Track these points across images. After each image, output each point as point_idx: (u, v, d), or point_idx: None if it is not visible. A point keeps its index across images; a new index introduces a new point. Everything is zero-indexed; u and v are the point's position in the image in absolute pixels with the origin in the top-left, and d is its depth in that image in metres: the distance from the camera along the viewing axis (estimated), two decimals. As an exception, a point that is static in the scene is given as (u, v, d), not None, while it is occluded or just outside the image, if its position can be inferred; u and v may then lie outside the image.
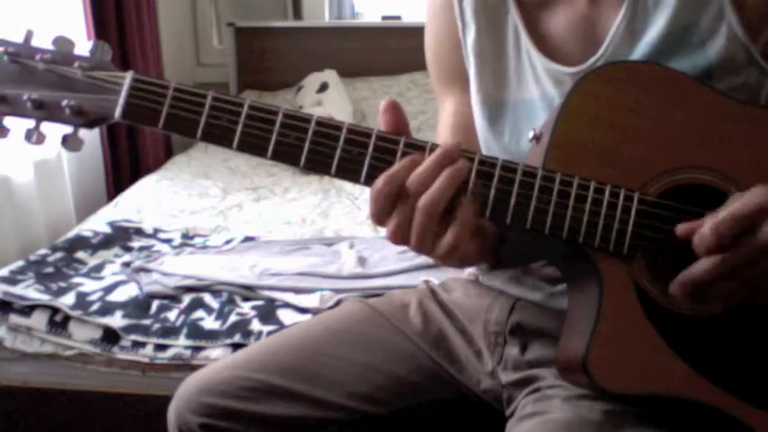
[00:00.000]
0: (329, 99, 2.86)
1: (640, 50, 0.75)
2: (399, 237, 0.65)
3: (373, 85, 3.10)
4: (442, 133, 0.92)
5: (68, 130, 0.68)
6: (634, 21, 0.76)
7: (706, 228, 0.63)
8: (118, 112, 0.66)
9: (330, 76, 2.97)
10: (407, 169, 0.64)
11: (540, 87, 0.80)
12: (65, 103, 0.66)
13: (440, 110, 0.94)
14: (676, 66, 0.72)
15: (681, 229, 0.66)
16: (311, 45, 3.16)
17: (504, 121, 0.83)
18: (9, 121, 0.68)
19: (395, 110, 0.67)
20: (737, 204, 0.63)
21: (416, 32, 0.92)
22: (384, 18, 3.45)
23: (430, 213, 0.63)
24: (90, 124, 0.67)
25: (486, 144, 0.85)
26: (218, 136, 0.66)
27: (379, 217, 0.65)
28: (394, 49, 3.06)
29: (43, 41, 0.67)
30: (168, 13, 3.04)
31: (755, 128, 0.70)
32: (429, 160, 0.64)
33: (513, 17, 0.81)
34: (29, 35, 0.67)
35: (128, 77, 0.65)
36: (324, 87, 2.90)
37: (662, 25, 0.74)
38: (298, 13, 3.46)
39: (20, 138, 0.67)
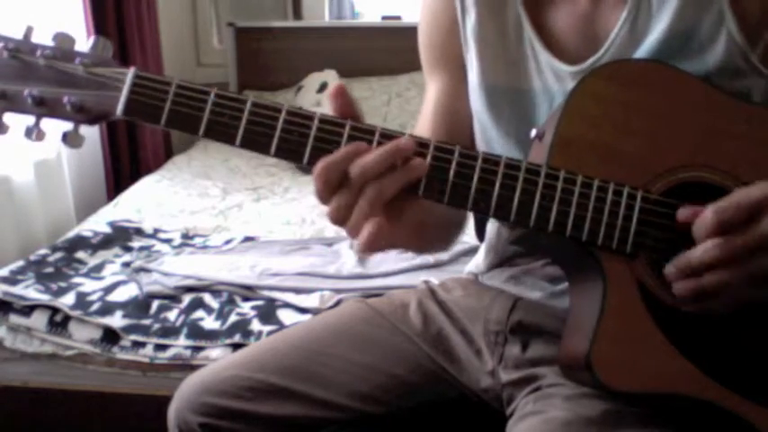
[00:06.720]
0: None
1: (641, 53, 0.75)
2: (337, 219, 0.65)
3: (373, 85, 3.10)
4: (425, 114, 0.91)
5: (69, 126, 0.67)
6: (637, 23, 0.75)
7: (708, 211, 0.63)
8: (120, 109, 0.65)
9: (330, 76, 2.97)
10: (350, 157, 0.63)
11: (541, 80, 0.80)
12: (66, 99, 0.65)
13: (426, 91, 0.93)
14: None
15: (682, 213, 0.66)
16: (311, 45, 3.16)
17: (503, 108, 0.82)
18: (9, 118, 0.67)
19: (343, 95, 0.66)
20: (741, 193, 0.63)
21: (416, 32, 0.92)
22: (384, 18, 3.46)
23: (373, 205, 0.63)
24: (91, 121, 0.66)
25: (483, 128, 0.85)
26: (221, 133, 0.65)
27: (321, 197, 0.65)
28: (394, 49, 3.05)
29: (43, 39, 0.66)
30: (168, 13, 3.04)
31: (759, 126, 0.70)
32: (378, 152, 0.63)
33: (515, 7, 0.81)
34: (29, 31, 0.66)
35: (129, 73, 0.65)
36: (324, 87, 2.91)
37: (663, 29, 0.73)
38: (298, 13, 3.46)
39: (20, 134, 0.66)
